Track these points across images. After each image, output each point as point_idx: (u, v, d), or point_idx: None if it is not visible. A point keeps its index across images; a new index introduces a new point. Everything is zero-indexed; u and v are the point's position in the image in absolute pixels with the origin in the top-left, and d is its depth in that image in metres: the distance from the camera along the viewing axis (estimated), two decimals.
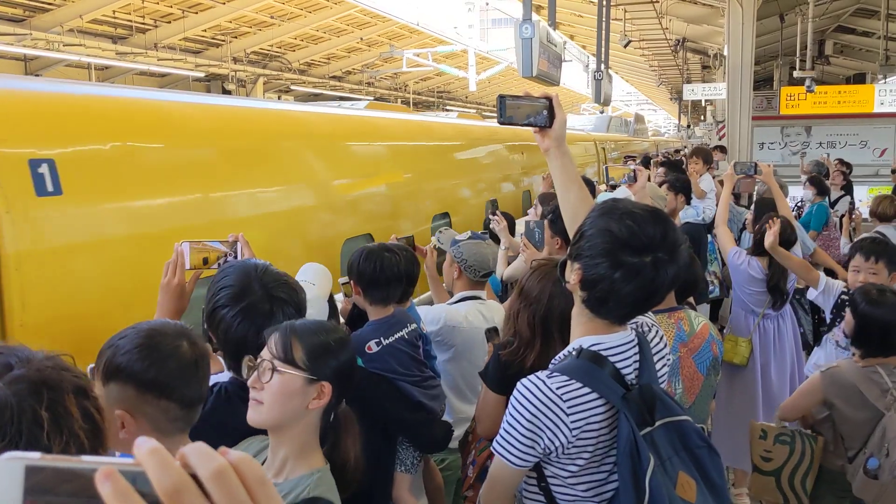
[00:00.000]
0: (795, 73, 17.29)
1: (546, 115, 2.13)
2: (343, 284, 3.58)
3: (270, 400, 1.69)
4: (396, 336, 3.05)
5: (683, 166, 8.40)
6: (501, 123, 2.19)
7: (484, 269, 3.76)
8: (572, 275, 1.85)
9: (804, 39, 17.06)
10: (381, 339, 3.01)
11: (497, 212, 5.18)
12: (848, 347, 3.76)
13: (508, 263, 4.85)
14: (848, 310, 3.47)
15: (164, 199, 3.61)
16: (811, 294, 4.50)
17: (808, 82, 16.49)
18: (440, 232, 4.38)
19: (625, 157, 17.42)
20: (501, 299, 4.41)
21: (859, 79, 23.91)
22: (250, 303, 2.00)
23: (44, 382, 1.03)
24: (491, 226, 5.14)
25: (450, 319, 3.60)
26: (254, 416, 1.72)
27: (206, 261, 2.29)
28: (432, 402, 3.15)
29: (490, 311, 3.69)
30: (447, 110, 39.08)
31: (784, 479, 3.32)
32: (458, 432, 3.36)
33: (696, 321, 3.34)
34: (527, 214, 5.84)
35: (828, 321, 4.44)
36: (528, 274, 2.89)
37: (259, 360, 1.74)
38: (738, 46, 14.06)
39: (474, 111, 35.60)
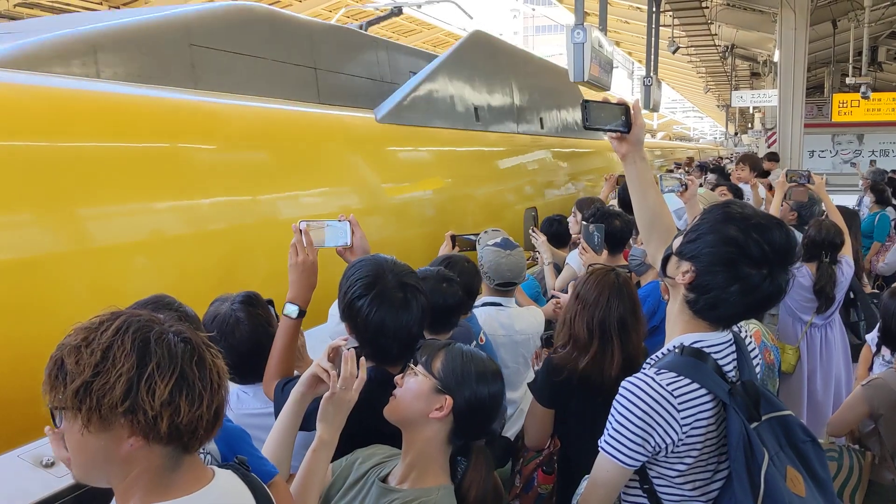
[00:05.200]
0: (849, 80, 16.93)
1: (624, 121, 2.13)
2: None
3: (400, 395, 1.86)
4: None
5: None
6: (586, 128, 2.19)
7: (499, 279, 3.56)
8: (680, 274, 1.85)
9: (858, 45, 16.71)
10: None
11: (535, 228, 4.86)
12: (891, 361, 3.71)
13: (558, 273, 4.78)
14: None
15: None
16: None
17: (863, 88, 16.16)
18: (485, 232, 3.97)
19: (674, 164, 17.03)
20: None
21: None
22: (385, 291, 2.07)
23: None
24: (532, 240, 4.97)
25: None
26: (387, 408, 1.88)
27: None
28: None
29: (510, 319, 3.54)
30: None
31: None
32: None
33: (747, 325, 3.31)
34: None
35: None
36: (583, 279, 2.89)
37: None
38: (790, 52, 13.83)
39: None
